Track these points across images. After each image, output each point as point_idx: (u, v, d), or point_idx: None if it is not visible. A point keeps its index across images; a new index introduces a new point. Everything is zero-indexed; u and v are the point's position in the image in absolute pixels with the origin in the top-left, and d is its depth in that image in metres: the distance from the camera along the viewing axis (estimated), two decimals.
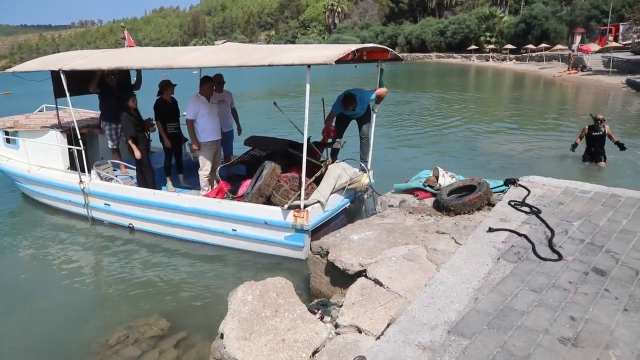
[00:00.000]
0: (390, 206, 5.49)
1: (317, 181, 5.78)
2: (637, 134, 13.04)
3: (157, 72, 7.27)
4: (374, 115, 6.70)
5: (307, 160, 5.27)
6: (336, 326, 3.30)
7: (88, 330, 4.55)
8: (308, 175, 5.48)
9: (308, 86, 4.81)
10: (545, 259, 3.55)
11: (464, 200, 4.85)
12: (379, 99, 6.56)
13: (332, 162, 6.09)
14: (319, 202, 5.47)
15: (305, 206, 5.29)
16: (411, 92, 27.59)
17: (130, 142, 6.62)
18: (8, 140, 7.97)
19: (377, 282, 3.59)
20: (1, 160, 8.06)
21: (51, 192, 7.47)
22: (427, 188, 5.56)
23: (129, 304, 5.13)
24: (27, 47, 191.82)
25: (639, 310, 2.85)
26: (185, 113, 6.52)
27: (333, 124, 6.74)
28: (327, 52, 4.78)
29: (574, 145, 9.77)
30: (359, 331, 3.14)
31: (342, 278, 4.07)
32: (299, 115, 5.46)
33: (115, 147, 7.63)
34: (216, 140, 6.58)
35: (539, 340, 2.60)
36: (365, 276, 3.73)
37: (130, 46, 8.56)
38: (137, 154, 6.62)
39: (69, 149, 7.13)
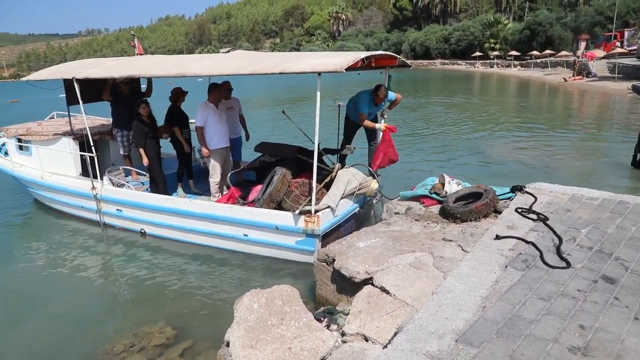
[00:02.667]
0: (396, 213, 5.47)
1: (327, 186, 5.83)
2: None
3: (164, 79, 7.36)
4: (382, 120, 6.72)
5: (317, 166, 5.31)
6: (343, 334, 3.27)
7: (94, 337, 4.55)
8: (318, 181, 5.52)
9: (318, 93, 4.87)
10: (553, 267, 3.51)
11: (470, 207, 4.82)
12: (394, 104, 6.61)
13: (342, 168, 6.12)
14: (329, 207, 5.51)
15: (316, 211, 5.32)
16: (417, 98, 27.61)
17: (140, 150, 6.69)
18: (21, 147, 8.08)
19: (383, 290, 3.57)
20: (14, 167, 8.17)
21: (64, 198, 7.55)
22: (434, 195, 5.55)
23: (137, 310, 5.13)
24: (35, 55, 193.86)
25: None
26: (193, 121, 6.57)
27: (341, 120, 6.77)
28: (337, 60, 4.84)
29: (634, 158, 9.28)
30: (366, 340, 3.12)
31: (349, 286, 4.05)
32: (306, 122, 5.50)
33: (126, 153, 7.72)
34: (225, 147, 6.62)
35: (549, 350, 2.57)
36: (372, 284, 3.71)
37: (140, 54, 8.64)
38: (145, 161, 6.68)
39: (81, 155, 7.22)
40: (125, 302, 5.41)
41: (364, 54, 5.17)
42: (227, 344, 3.25)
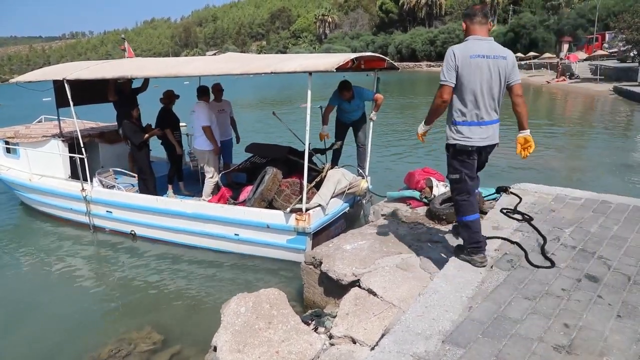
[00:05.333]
0: (383, 215, 5.49)
1: (317, 186, 5.86)
2: (629, 137, 13.21)
3: (150, 81, 7.33)
4: (371, 123, 6.76)
5: (308, 166, 5.34)
6: (330, 337, 3.27)
7: (80, 343, 4.49)
8: (308, 181, 5.54)
9: (309, 92, 4.95)
10: (538, 267, 3.55)
11: None
12: (377, 105, 6.63)
13: (332, 168, 6.17)
14: (320, 205, 5.53)
15: (307, 209, 5.33)
16: (404, 99, 27.75)
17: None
18: (8, 150, 7.97)
19: (370, 292, 3.57)
20: (1, 170, 8.04)
21: (53, 200, 7.46)
22: (424, 199, 5.57)
23: (124, 315, 5.08)
24: (17, 58, 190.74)
25: (632, 316, 2.86)
26: (184, 124, 6.55)
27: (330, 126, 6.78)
28: (328, 60, 4.92)
29: None
30: (354, 342, 3.12)
31: (336, 288, 4.05)
32: (296, 123, 5.51)
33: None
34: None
35: (534, 349, 2.59)
36: (359, 286, 3.72)
37: (130, 57, 8.58)
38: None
39: (70, 157, 7.14)
40: (112, 306, 5.34)
41: (354, 55, 5.25)
42: (215, 349, 3.23)
